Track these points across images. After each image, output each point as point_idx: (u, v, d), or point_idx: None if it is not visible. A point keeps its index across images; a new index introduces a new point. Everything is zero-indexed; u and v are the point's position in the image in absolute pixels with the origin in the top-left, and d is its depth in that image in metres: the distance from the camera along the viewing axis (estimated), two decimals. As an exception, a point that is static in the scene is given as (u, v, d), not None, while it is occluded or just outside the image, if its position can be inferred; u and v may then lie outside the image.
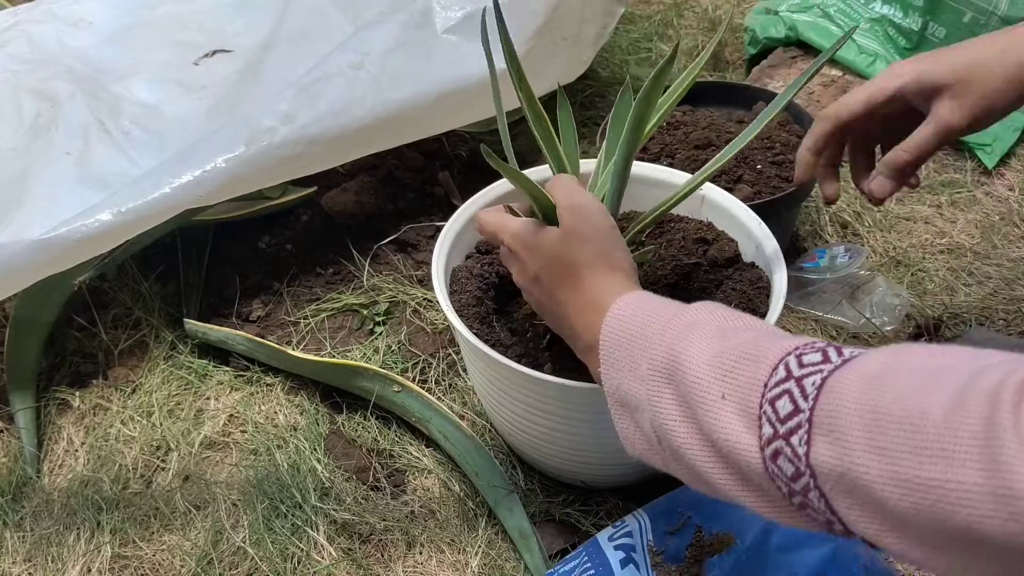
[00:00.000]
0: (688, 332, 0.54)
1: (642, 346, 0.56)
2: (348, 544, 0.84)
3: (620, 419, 0.59)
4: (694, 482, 0.55)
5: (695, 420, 0.51)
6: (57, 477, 0.92)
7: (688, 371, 0.52)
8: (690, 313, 0.56)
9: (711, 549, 0.71)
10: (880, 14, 1.31)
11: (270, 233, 1.12)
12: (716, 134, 1.11)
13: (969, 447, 0.37)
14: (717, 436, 0.50)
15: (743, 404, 0.48)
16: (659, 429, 0.54)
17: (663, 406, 0.54)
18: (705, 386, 0.51)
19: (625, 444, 0.60)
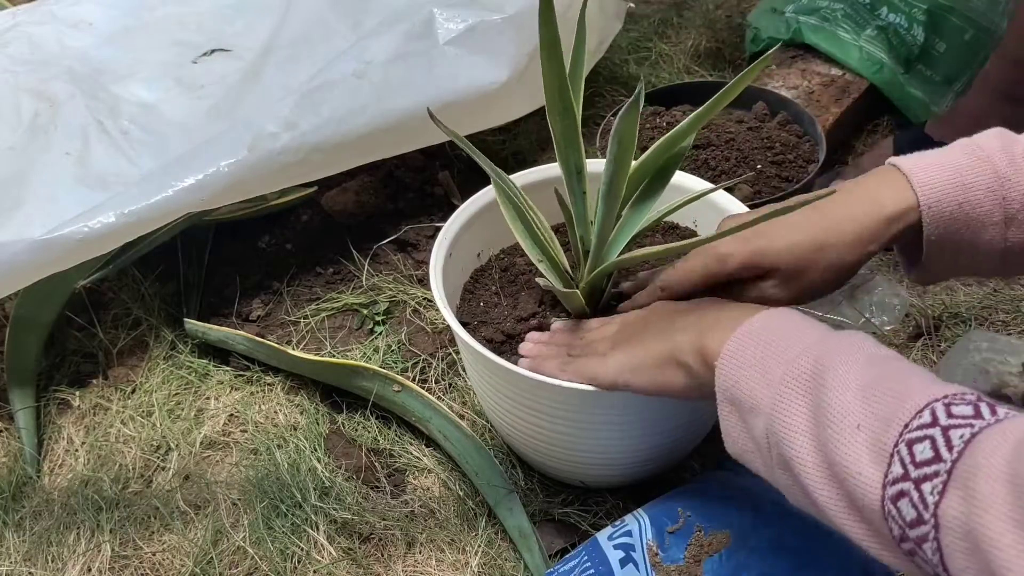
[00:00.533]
0: (840, 353, 0.55)
1: (783, 352, 0.57)
2: (348, 543, 0.84)
3: (728, 417, 0.60)
4: (796, 496, 0.55)
5: (820, 439, 0.52)
6: (57, 477, 0.92)
7: (832, 390, 0.52)
8: (843, 336, 0.57)
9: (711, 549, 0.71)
10: (887, 22, 1.31)
11: (270, 233, 1.13)
12: (716, 134, 1.11)
13: None
14: (839, 461, 0.50)
15: (877, 438, 0.49)
16: (775, 436, 0.55)
17: (790, 416, 0.54)
18: (844, 411, 0.51)
19: (727, 441, 0.61)
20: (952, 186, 0.65)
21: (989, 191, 0.65)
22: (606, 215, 0.75)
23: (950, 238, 0.66)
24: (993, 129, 0.68)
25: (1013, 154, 0.65)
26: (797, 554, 0.69)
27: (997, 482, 0.42)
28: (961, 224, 0.66)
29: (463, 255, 0.87)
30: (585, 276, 0.79)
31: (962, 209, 0.65)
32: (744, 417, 0.58)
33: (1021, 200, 0.65)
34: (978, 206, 0.65)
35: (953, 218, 0.65)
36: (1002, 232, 0.65)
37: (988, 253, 0.67)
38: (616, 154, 0.71)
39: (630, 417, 0.75)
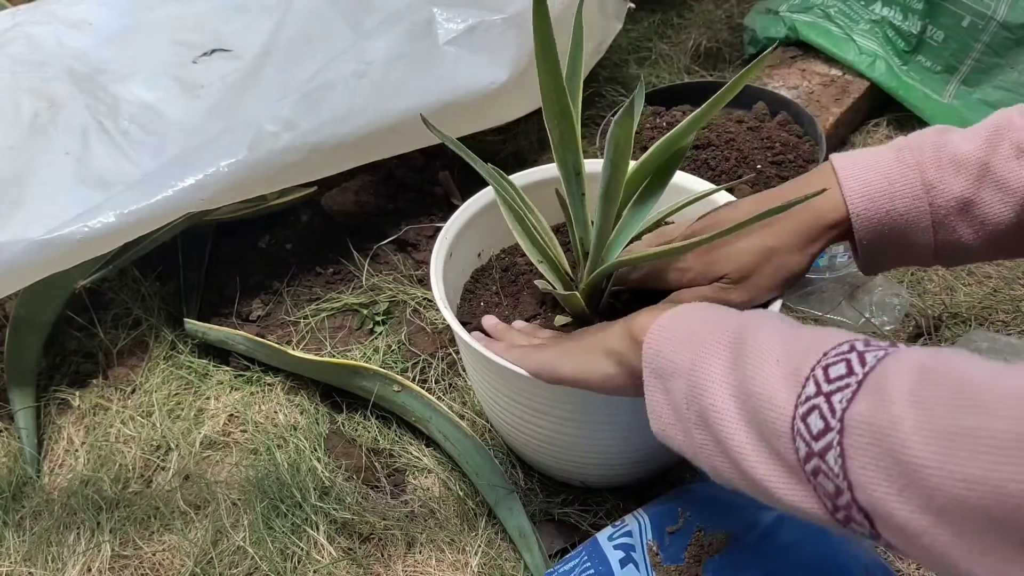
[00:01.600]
0: (763, 317, 0.57)
1: (711, 323, 0.58)
2: (348, 543, 0.84)
3: (652, 392, 0.60)
4: (713, 458, 0.55)
5: (738, 379, 0.53)
6: (57, 477, 0.92)
7: (753, 337, 0.54)
8: (768, 313, 0.59)
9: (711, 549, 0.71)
10: (880, 16, 1.31)
11: (270, 233, 1.13)
12: (716, 134, 1.11)
13: (1007, 400, 0.39)
14: (754, 391, 0.51)
15: (794, 367, 0.50)
16: (693, 391, 0.56)
17: (709, 366, 0.55)
18: (765, 348, 0.52)
19: (652, 420, 0.61)
20: (880, 194, 0.68)
21: (915, 199, 0.67)
22: (605, 217, 0.75)
23: (882, 239, 0.70)
24: (930, 128, 0.70)
25: (940, 159, 0.67)
26: (797, 554, 0.69)
27: (901, 377, 0.44)
28: (890, 228, 0.69)
29: (463, 255, 0.87)
30: (585, 277, 0.79)
31: (890, 216, 0.68)
32: (666, 385, 0.59)
33: (946, 206, 0.67)
34: (905, 213, 0.68)
35: (883, 224, 0.69)
36: (931, 235, 0.68)
37: (921, 252, 0.70)
38: (612, 158, 0.71)
39: (630, 417, 0.75)
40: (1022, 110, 0.67)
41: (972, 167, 0.66)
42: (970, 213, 0.67)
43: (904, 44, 1.29)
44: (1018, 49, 1.23)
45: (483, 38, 1.04)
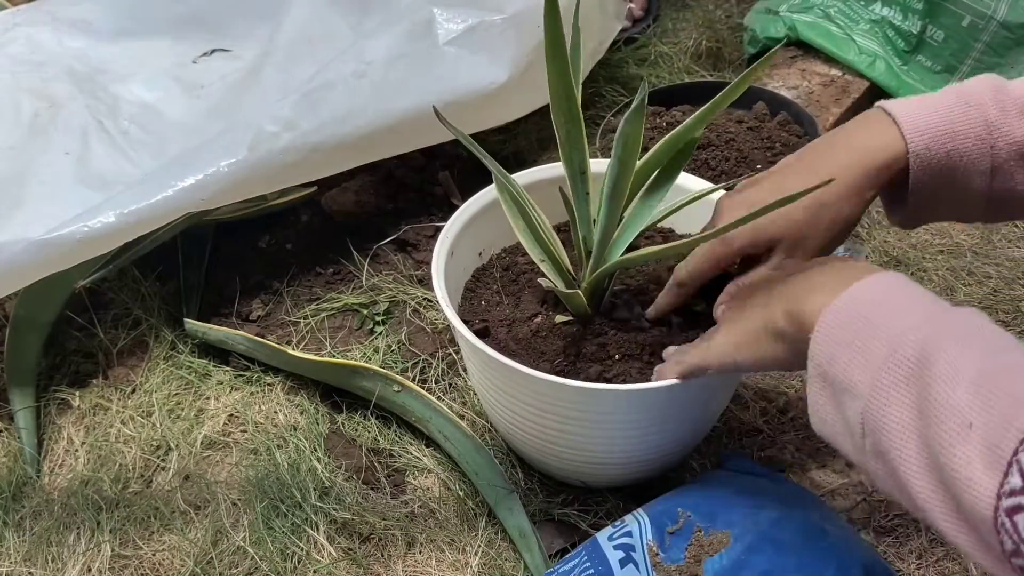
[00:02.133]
0: (949, 337, 0.50)
1: (886, 329, 0.52)
2: (348, 543, 0.84)
3: (818, 394, 0.57)
4: (889, 487, 0.52)
5: (925, 437, 0.48)
6: (57, 477, 0.92)
7: (939, 382, 0.47)
8: (955, 315, 0.52)
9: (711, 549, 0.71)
10: (880, 16, 1.31)
11: (270, 233, 1.12)
12: (716, 134, 1.12)
13: None
14: (947, 464, 0.46)
15: (992, 442, 0.44)
16: (872, 424, 0.51)
17: (891, 406, 0.50)
18: (954, 408, 0.46)
19: (813, 418, 0.58)
20: (942, 133, 0.64)
21: (978, 140, 0.64)
22: (609, 215, 0.75)
23: (937, 184, 0.66)
24: (984, 76, 0.67)
25: (1003, 102, 0.64)
26: (797, 554, 0.69)
27: None
28: (949, 171, 0.65)
29: (465, 254, 0.88)
30: (587, 276, 0.79)
31: (950, 157, 0.64)
32: (838, 397, 0.54)
33: (1008, 150, 0.64)
34: (966, 155, 0.64)
35: (941, 165, 0.65)
36: (987, 181, 0.65)
37: (973, 200, 0.66)
38: (620, 156, 0.71)
39: (631, 416, 0.75)
40: None
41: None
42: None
43: (904, 44, 1.30)
44: (1018, 49, 1.23)
45: (483, 38, 1.04)
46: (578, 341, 0.80)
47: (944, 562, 0.80)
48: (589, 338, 0.80)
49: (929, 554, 0.81)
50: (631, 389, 0.72)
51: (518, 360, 0.75)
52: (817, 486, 0.87)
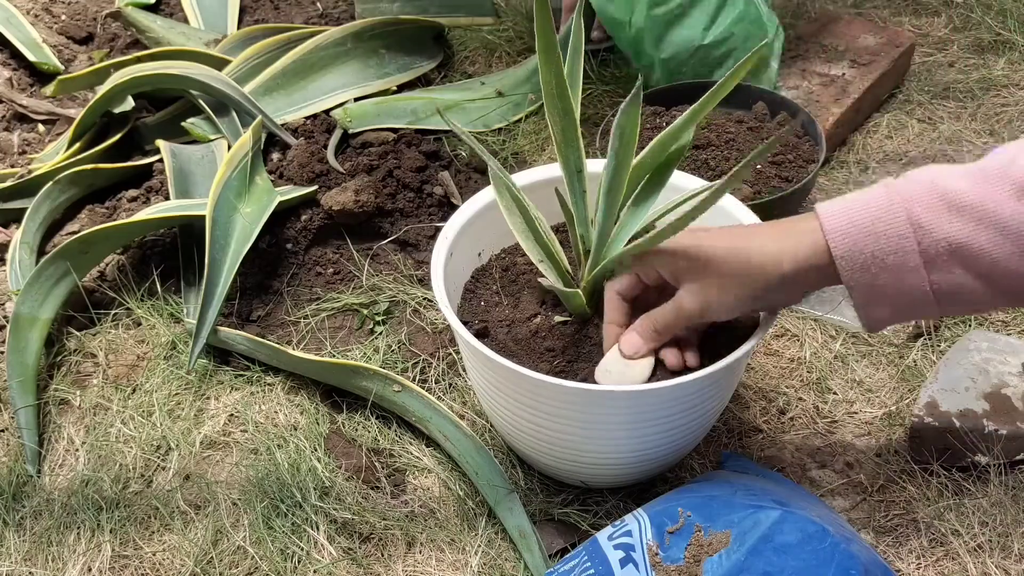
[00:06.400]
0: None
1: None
2: (348, 543, 0.84)
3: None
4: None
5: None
6: (57, 476, 0.92)
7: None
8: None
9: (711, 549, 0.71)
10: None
11: (270, 233, 1.12)
12: (716, 134, 1.12)
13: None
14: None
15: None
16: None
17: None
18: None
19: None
20: (864, 235, 0.65)
21: (901, 239, 0.64)
22: (607, 213, 0.75)
23: (871, 283, 0.66)
24: (930, 166, 0.67)
25: (931, 197, 0.64)
26: (797, 554, 0.69)
27: None
28: (876, 270, 0.65)
29: (464, 254, 0.88)
30: (586, 275, 0.79)
31: (875, 257, 0.65)
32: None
33: (935, 247, 0.64)
34: (891, 252, 0.65)
35: (868, 265, 0.65)
36: (923, 277, 0.65)
37: (919, 298, 0.66)
38: (617, 149, 0.71)
39: (630, 416, 0.75)
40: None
41: (969, 209, 0.63)
42: (965, 257, 0.63)
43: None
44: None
45: None
46: (577, 341, 0.80)
47: (944, 562, 0.80)
48: (588, 338, 0.80)
49: (929, 554, 0.81)
50: (630, 390, 0.72)
51: (517, 361, 0.75)
52: (817, 486, 0.87)
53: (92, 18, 1.54)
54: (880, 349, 0.99)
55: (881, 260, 0.65)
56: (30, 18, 1.46)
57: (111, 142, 1.23)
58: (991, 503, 0.82)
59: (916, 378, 0.95)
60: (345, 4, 1.52)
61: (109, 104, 1.24)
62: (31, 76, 1.41)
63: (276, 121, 1.21)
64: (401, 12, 1.43)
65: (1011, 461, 0.86)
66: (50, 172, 1.18)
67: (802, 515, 0.71)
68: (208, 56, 1.30)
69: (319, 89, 1.28)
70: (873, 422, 0.92)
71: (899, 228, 0.64)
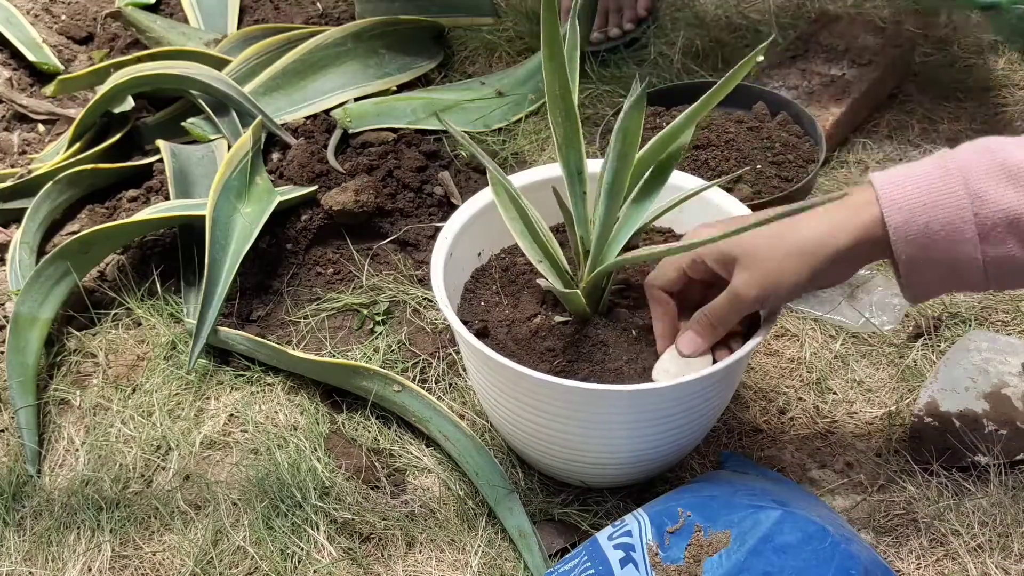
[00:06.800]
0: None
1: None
2: (348, 543, 0.84)
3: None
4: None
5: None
6: (57, 476, 0.92)
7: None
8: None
9: (711, 549, 0.71)
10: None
11: (270, 233, 1.12)
12: (716, 134, 1.12)
13: None
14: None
15: None
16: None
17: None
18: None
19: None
20: (920, 206, 0.64)
21: (958, 209, 0.64)
22: (607, 213, 0.75)
23: (924, 258, 0.66)
24: (982, 139, 0.66)
25: (989, 167, 0.63)
26: (797, 554, 0.69)
27: None
28: (929, 243, 0.65)
29: (464, 254, 0.88)
30: (585, 276, 0.79)
31: (929, 228, 0.64)
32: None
33: (993, 217, 0.63)
34: (947, 224, 0.64)
35: (921, 237, 0.65)
36: (976, 249, 0.64)
37: (968, 269, 0.65)
38: (620, 150, 0.71)
39: (630, 416, 0.75)
40: None
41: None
42: (1021, 229, 0.63)
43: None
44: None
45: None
46: (577, 341, 0.80)
47: (944, 562, 0.80)
48: (588, 338, 0.80)
49: (929, 554, 0.81)
50: (630, 390, 0.72)
51: (517, 360, 0.75)
52: (817, 486, 0.87)
53: (92, 18, 1.54)
54: (880, 349, 0.99)
55: (935, 231, 0.64)
56: (30, 18, 1.46)
57: (111, 142, 1.23)
58: (991, 503, 0.82)
59: (916, 378, 0.95)
60: (345, 4, 1.52)
61: (109, 104, 1.24)
62: (31, 76, 1.41)
63: (276, 121, 1.21)
64: (401, 12, 1.43)
65: (1011, 461, 0.85)
66: (50, 172, 1.18)
67: (802, 515, 0.71)
68: (208, 56, 1.30)
69: (319, 89, 1.28)
70: (873, 422, 0.92)
71: (957, 198, 0.64)
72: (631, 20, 1.45)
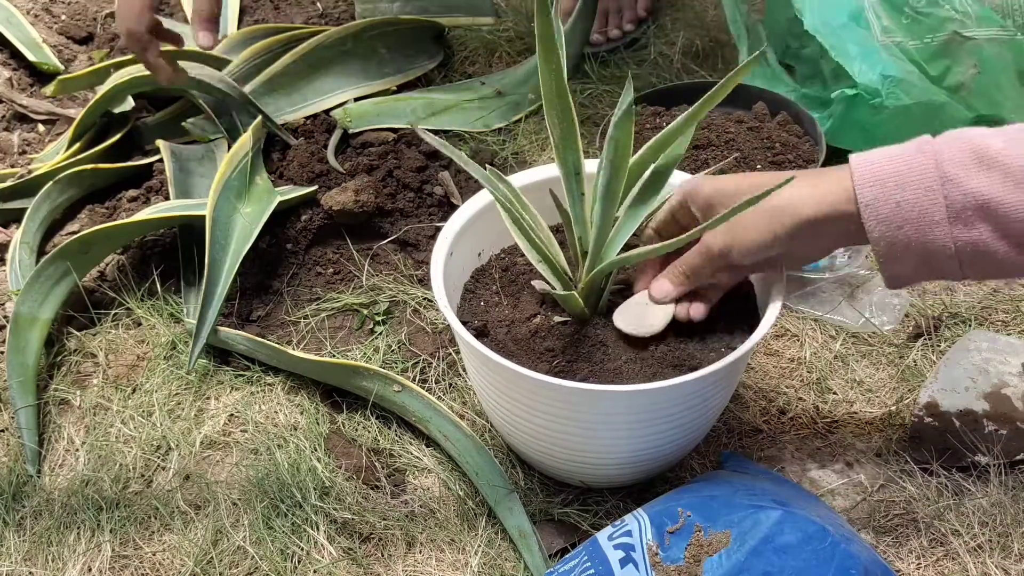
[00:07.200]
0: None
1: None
2: (348, 543, 0.84)
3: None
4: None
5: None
6: (57, 476, 0.92)
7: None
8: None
9: (711, 549, 0.71)
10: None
11: (270, 233, 1.12)
12: (716, 134, 1.12)
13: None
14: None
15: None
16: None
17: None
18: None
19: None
20: (893, 184, 0.65)
21: (928, 190, 0.64)
22: (604, 216, 0.75)
23: (895, 237, 0.66)
24: (963, 129, 0.67)
25: (962, 151, 0.64)
26: (797, 554, 0.69)
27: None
28: (900, 221, 0.65)
29: (464, 254, 0.88)
30: (583, 277, 0.79)
31: (900, 207, 0.65)
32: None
33: (963, 200, 0.63)
34: (916, 204, 0.64)
35: (893, 215, 0.65)
36: (947, 232, 0.64)
37: (940, 254, 0.66)
38: (612, 159, 0.71)
39: (630, 417, 0.75)
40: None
41: (1001, 165, 0.62)
42: (990, 213, 0.63)
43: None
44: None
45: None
46: (577, 342, 0.80)
47: (944, 562, 0.80)
48: (588, 338, 0.80)
49: (929, 554, 0.81)
50: (630, 390, 0.72)
51: (516, 361, 0.75)
52: (817, 486, 0.87)
53: (92, 18, 1.54)
54: (880, 349, 0.99)
55: (906, 211, 0.65)
56: (30, 18, 1.46)
57: (111, 142, 1.22)
58: (991, 503, 0.82)
59: (916, 378, 0.95)
60: (345, 4, 1.52)
61: (109, 104, 1.24)
62: (31, 76, 1.41)
63: (276, 121, 1.21)
64: (401, 12, 1.43)
65: (1011, 461, 0.86)
66: (50, 172, 1.18)
67: (802, 515, 0.71)
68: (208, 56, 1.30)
69: (319, 89, 1.28)
70: (873, 422, 0.92)
71: (927, 179, 0.64)
72: (631, 21, 1.45)
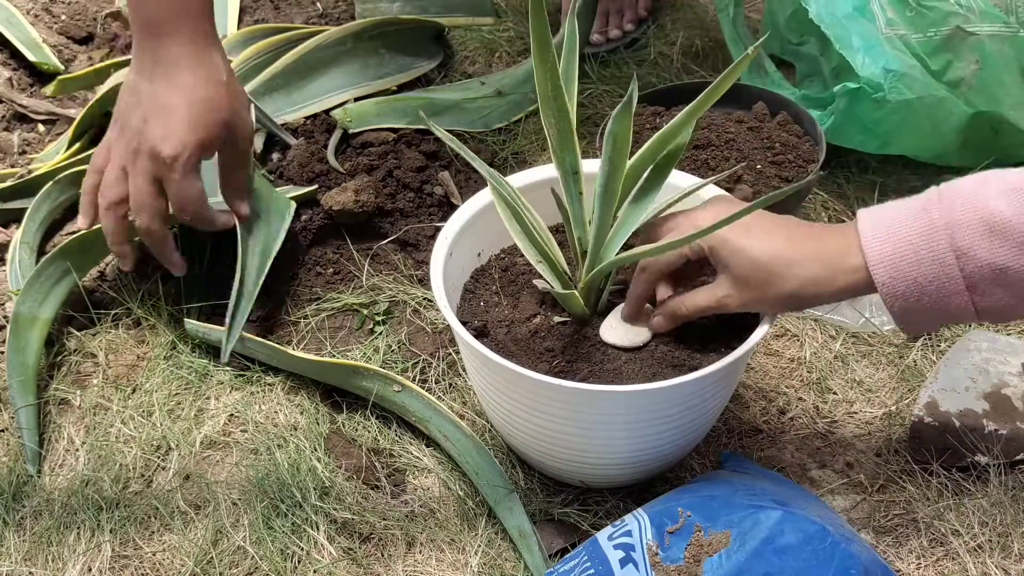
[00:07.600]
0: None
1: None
2: (348, 543, 0.84)
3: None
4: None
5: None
6: (57, 476, 0.92)
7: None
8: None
9: (711, 549, 0.71)
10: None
11: (270, 233, 1.12)
12: (716, 134, 1.12)
13: None
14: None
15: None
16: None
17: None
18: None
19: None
20: (907, 263, 0.66)
21: (945, 266, 0.65)
22: (603, 215, 0.75)
23: (915, 306, 0.67)
24: (970, 178, 0.67)
25: (972, 221, 0.64)
26: (797, 554, 0.69)
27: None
28: (919, 294, 0.66)
29: (463, 255, 0.88)
30: (583, 276, 0.79)
31: (917, 283, 0.66)
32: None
33: (979, 273, 0.64)
34: (934, 280, 0.65)
35: (909, 291, 0.66)
36: (967, 299, 0.65)
37: (960, 315, 0.67)
38: (611, 155, 0.71)
39: (630, 416, 0.75)
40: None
41: (1011, 233, 0.63)
42: (1007, 280, 0.64)
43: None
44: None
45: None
46: (576, 342, 0.80)
47: (944, 562, 0.80)
48: (588, 339, 0.80)
49: (929, 554, 0.81)
50: (629, 390, 0.72)
51: (516, 361, 0.75)
52: (817, 486, 0.87)
53: (92, 18, 1.54)
54: (880, 349, 0.99)
55: (924, 284, 0.66)
56: (30, 18, 1.46)
57: (111, 142, 1.22)
58: (991, 503, 0.82)
59: (916, 378, 0.95)
60: (345, 4, 1.52)
61: (109, 104, 1.23)
62: (31, 76, 1.41)
63: (276, 121, 1.21)
64: (401, 12, 1.43)
65: (1011, 461, 0.86)
66: (50, 172, 1.18)
67: (802, 515, 0.71)
68: (208, 56, 1.30)
69: (319, 89, 1.28)
70: (873, 422, 0.92)
71: (942, 255, 0.65)
72: (631, 21, 1.45)
